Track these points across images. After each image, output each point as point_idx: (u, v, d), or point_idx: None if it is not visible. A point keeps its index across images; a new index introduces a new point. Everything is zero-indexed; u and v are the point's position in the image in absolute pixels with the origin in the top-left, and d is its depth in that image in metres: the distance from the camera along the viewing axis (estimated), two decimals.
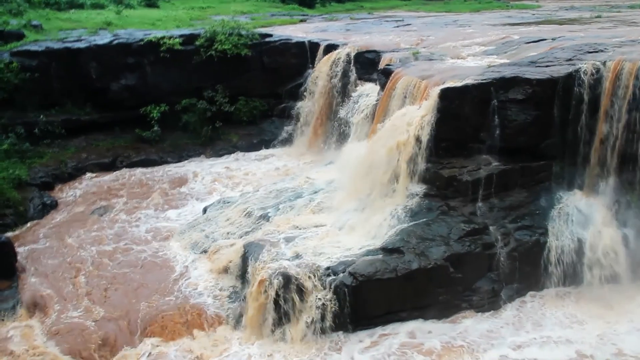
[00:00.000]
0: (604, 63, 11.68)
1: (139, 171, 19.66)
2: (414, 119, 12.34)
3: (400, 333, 10.61)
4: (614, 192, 11.64)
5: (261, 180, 17.87)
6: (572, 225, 11.60)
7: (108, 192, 17.78)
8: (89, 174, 19.29)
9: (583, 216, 11.66)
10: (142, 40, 20.69)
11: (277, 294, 10.55)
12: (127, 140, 20.93)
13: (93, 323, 10.74)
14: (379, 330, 10.70)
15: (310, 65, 20.98)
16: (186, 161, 20.53)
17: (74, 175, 19.11)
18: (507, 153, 11.97)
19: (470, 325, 10.82)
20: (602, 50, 13.24)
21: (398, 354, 10.11)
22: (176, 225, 14.91)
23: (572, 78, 11.65)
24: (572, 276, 11.51)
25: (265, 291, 10.62)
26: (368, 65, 17.84)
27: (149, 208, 16.37)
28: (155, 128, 20.63)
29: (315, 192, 14.26)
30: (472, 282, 11.28)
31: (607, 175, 11.68)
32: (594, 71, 11.58)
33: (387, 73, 14.95)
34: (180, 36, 21.07)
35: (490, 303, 11.25)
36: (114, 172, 19.57)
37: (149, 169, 19.85)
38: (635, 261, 11.36)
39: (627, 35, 16.49)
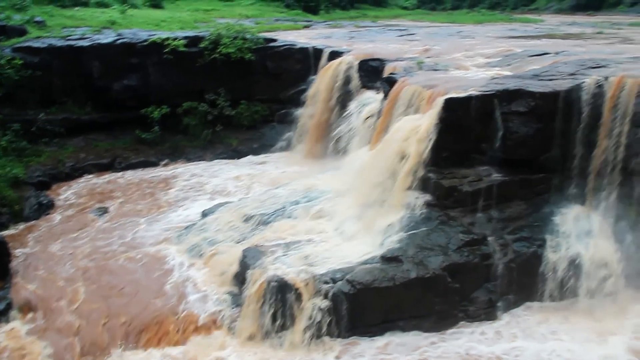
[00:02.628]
0: (607, 79, 11.70)
1: (137, 173, 19.63)
2: (416, 128, 12.35)
3: (379, 344, 10.57)
4: (613, 207, 11.63)
5: (261, 185, 17.82)
6: (570, 239, 11.59)
7: (105, 194, 17.69)
8: (86, 175, 19.24)
9: (581, 230, 11.65)
10: (146, 40, 20.70)
11: (274, 300, 10.52)
12: (127, 142, 20.90)
13: (85, 328, 10.60)
14: (374, 339, 10.64)
15: (314, 72, 20.98)
16: (185, 164, 20.50)
17: (71, 175, 19.04)
18: (507, 165, 11.98)
19: (450, 336, 10.81)
20: (604, 66, 13.30)
21: None
22: (173, 228, 14.80)
23: (574, 92, 11.67)
24: (568, 289, 11.47)
25: (263, 297, 10.59)
26: (372, 73, 17.86)
27: (145, 211, 16.27)
28: (156, 129, 20.61)
29: (316, 199, 14.21)
30: (469, 293, 11.27)
31: (606, 190, 11.66)
32: (596, 86, 11.61)
33: (391, 81, 14.96)
34: (185, 38, 21.08)
35: (487, 314, 11.21)
36: (112, 173, 19.55)
37: (148, 171, 19.82)
38: (630, 275, 11.39)
39: (628, 52, 16.56)
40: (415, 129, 12.40)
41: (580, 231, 11.60)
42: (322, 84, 19.85)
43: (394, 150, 12.60)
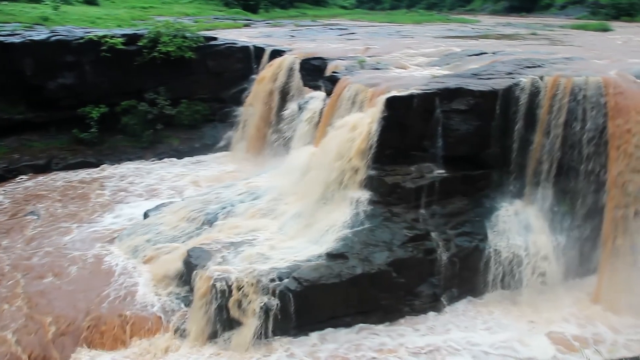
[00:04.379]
0: (542, 78, 12.16)
1: (75, 174, 19.11)
2: (359, 126, 12.46)
3: (315, 340, 10.65)
4: (549, 201, 12.10)
5: (203, 185, 17.65)
6: (510, 232, 11.96)
7: (41, 196, 17.11)
8: (21, 176, 18.61)
9: (520, 223, 12.05)
10: (82, 38, 20.10)
11: (221, 300, 10.43)
12: (64, 142, 20.31)
13: (25, 334, 10.21)
14: (321, 335, 10.70)
15: (255, 70, 20.90)
16: (125, 164, 20.07)
17: (4, 177, 18.42)
18: (449, 161, 12.24)
19: (385, 329, 10.96)
20: (539, 66, 13.81)
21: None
22: (115, 230, 14.49)
23: (512, 91, 12.06)
24: (509, 281, 11.83)
25: (209, 297, 10.48)
26: (314, 72, 17.89)
27: (85, 212, 15.85)
28: (94, 129, 20.08)
29: (259, 198, 14.13)
30: (414, 287, 11.46)
31: (543, 185, 12.12)
32: (532, 85, 12.03)
33: (333, 80, 15.05)
34: (123, 36, 20.60)
35: (431, 307, 11.45)
36: (49, 175, 18.96)
37: (86, 172, 19.33)
38: (566, 265, 11.87)
39: (561, 53, 17.21)
40: (358, 127, 12.51)
41: (519, 225, 11.99)
42: (263, 83, 19.76)
43: (337, 148, 12.66)
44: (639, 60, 15.68)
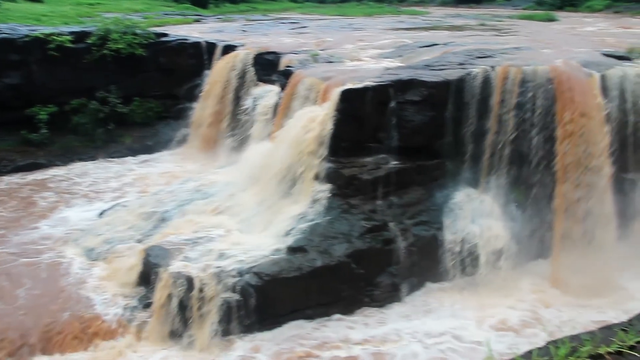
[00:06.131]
0: (493, 68, 12.41)
1: (25, 176, 18.56)
2: (315, 119, 12.51)
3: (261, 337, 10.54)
4: (503, 189, 12.38)
5: (158, 183, 17.39)
6: (466, 221, 12.16)
7: None
8: None
9: (475, 212, 12.26)
10: (27, 36, 19.53)
11: (181, 299, 10.33)
12: (12, 144, 19.68)
13: None
14: (279, 329, 10.66)
15: (208, 66, 20.73)
16: (77, 165, 19.58)
17: None
18: (404, 152, 12.37)
19: (341, 321, 10.96)
20: (490, 56, 14.10)
21: None
22: (69, 231, 14.14)
23: (464, 81, 12.28)
24: (466, 268, 12.03)
25: (169, 296, 10.37)
26: (267, 66, 17.88)
27: (36, 214, 15.43)
28: (44, 130, 19.59)
29: (216, 194, 14.05)
30: (373, 277, 11.56)
31: (496, 174, 12.38)
32: (484, 75, 12.28)
33: (287, 74, 15.06)
34: (71, 33, 20.14)
35: (391, 297, 11.56)
36: None
37: (37, 174, 18.75)
38: (521, 250, 12.14)
39: (509, 43, 17.61)
40: (314, 121, 12.56)
41: (475, 213, 12.20)
42: (217, 79, 19.62)
43: (293, 142, 12.69)
44: (584, 49, 16.20)
